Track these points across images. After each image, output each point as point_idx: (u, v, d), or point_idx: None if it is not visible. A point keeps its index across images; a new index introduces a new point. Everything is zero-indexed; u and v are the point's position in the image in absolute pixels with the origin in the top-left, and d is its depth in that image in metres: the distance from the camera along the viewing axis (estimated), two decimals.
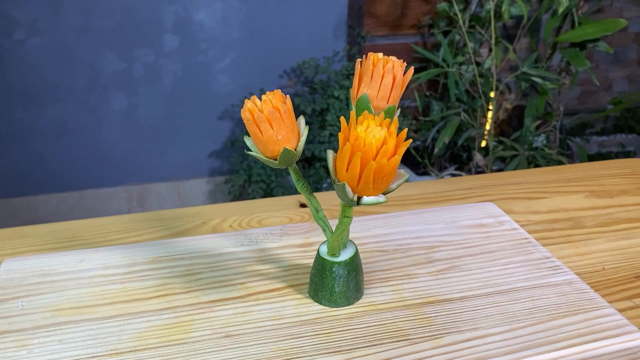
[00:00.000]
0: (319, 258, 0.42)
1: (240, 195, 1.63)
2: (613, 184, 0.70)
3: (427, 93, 1.65)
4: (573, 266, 0.54)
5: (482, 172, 1.58)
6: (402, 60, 0.37)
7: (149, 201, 1.84)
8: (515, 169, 1.48)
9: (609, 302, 0.49)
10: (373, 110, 0.37)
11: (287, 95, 0.36)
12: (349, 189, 0.33)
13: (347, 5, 1.73)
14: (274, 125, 0.35)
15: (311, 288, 0.43)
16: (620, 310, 0.48)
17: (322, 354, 0.38)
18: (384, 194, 0.34)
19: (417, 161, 1.65)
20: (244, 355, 0.38)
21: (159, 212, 0.63)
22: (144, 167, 1.81)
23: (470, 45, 1.48)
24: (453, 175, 1.59)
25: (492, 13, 1.40)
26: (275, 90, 0.36)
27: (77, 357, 0.37)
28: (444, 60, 1.50)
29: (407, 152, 1.66)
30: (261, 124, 0.35)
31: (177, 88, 1.75)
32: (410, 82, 1.50)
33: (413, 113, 1.69)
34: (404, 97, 1.73)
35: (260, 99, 0.35)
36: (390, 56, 0.37)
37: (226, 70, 1.75)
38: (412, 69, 0.38)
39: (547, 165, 1.46)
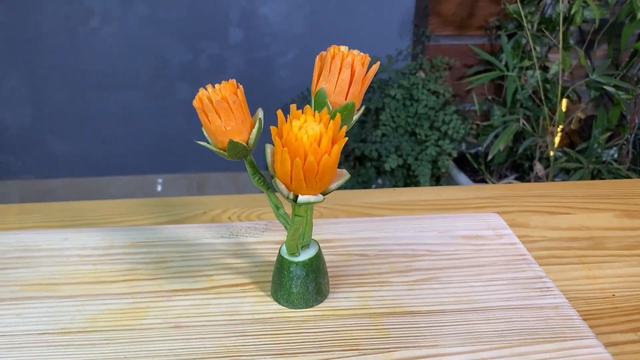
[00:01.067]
0: (279, 256, 0.40)
1: None
2: None
3: (489, 97, 1.58)
4: (580, 289, 0.49)
5: None
6: (366, 54, 0.35)
7: (208, 190, 1.89)
8: None
9: (611, 332, 0.44)
10: (330, 106, 0.35)
11: (240, 86, 0.35)
12: (282, 186, 0.32)
13: (414, 4, 1.69)
14: (222, 115, 0.34)
15: (272, 287, 0.42)
16: (621, 343, 0.43)
17: (265, 355, 0.37)
18: (324, 193, 0.32)
19: (475, 168, 1.58)
20: (186, 347, 0.37)
21: (165, 198, 0.64)
22: (205, 156, 1.86)
23: (537, 49, 1.40)
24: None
25: (561, 16, 1.31)
26: (230, 79, 0.35)
27: (29, 332, 0.38)
28: (506, 64, 1.43)
29: (464, 158, 1.60)
30: (209, 113, 0.34)
31: (240, 81, 1.77)
32: (467, 84, 1.44)
33: (474, 117, 1.63)
34: (465, 101, 1.67)
35: None
36: (354, 51, 0.35)
37: (288, 65, 1.75)
38: (377, 65, 0.36)
39: None
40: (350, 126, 0.36)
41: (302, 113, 0.31)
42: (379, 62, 0.36)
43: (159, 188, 1.86)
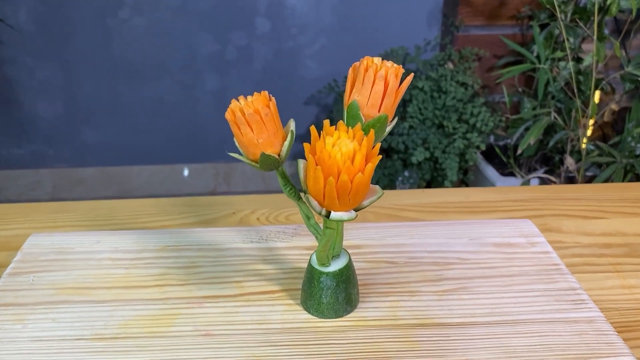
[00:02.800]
0: (309, 266, 0.40)
1: None
2: None
3: (520, 89, 1.55)
4: (614, 299, 0.48)
5: (574, 177, 1.47)
6: (399, 66, 0.35)
7: (234, 180, 1.90)
8: (609, 177, 1.36)
9: None
10: (363, 118, 0.35)
11: (272, 98, 0.35)
12: (315, 203, 0.31)
13: None
14: (254, 128, 0.34)
15: (302, 296, 0.42)
16: None
17: None
18: (356, 209, 0.32)
19: (503, 161, 1.56)
20: (217, 357, 0.37)
21: (194, 198, 0.64)
22: (232, 146, 1.86)
23: (570, 40, 1.37)
24: (540, 178, 1.49)
25: (596, 6, 1.28)
26: (262, 91, 0.35)
27: (65, 337, 0.39)
28: (537, 56, 1.39)
29: (492, 150, 1.58)
30: (241, 126, 0.34)
31: (267, 71, 1.77)
32: (496, 75, 1.41)
33: (504, 109, 1.60)
34: (494, 92, 1.64)
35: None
36: (388, 63, 0.35)
37: (315, 56, 1.75)
38: (410, 77, 0.35)
39: None
40: (382, 138, 0.36)
41: (336, 129, 0.31)
42: (412, 75, 0.35)
43: (186, 173, 1.88)
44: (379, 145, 0.31)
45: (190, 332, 0.39)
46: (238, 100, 0.35)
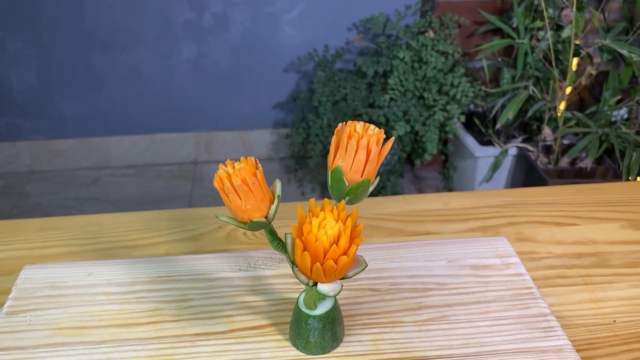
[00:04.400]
0: (296, 308, 0.43)
1: (298, 152, 1.64)
2: None
3: (499, 59, 1.56)
4: (582, 315, 0.52)
5: (550, 146, 1.50)
6: (381, 130, 0.36)
7: (215, 148, 1.90)
8: (585, 147, 1.39)
9: None
10: (347, 182, 0.36)
11: (259, 166, 0.36)
12: (302, 277, 0.33)
13: None
14: (242, 196, 0.35)
15: (290, 334, 0.44)
16: None
17: None
18: (342, 278, 0.34)
19: (482, 132, 1.58)
20: None
21: (180, 210, 0.65)
22: (211, 115, 1.86)
23: (549, 10, 1.37)
24: (518, 148, 1.52)
25: None
26: (249, 157, 0.36)
27: None
28: (517, 27, 1.39)
29: (472, 120, 1.59)
30: (229, 195, 0.35)
31: (245, 39, 1.75)
32: (477, 42, 1.41)
33: (483, 77, 1.61)
34: (474, 59, 1.64)
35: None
36: (370, 129, 0.36)
37: (294, 21, 1.72)
38: (391, 141, 0.36)
39: (620, 146, 1.36)
40: (364, 197, 0.37)
41: (321, 210, 0.32)
42: (393, 138, 0.37)
43: (166, 143, 1.87)
44: (361, 225, 0.32)
45: None
46: (225, 166, 0.36)
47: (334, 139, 0.36)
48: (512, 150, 1.52)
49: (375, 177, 0.37)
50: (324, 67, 1.58)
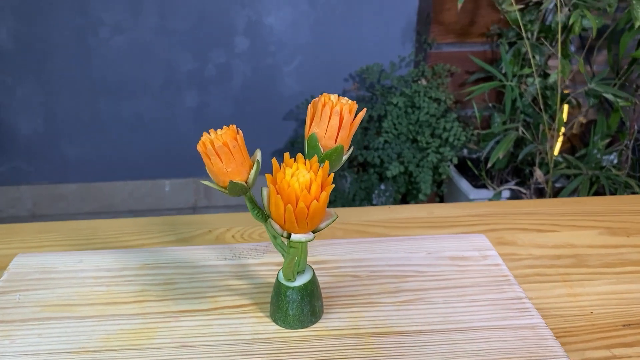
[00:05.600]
0: (276, 282, 0.44)
1: None
2: (635, 222, 0.66)
3: (490, 104, 1.61)
4: (560, 307, 0.53)
5: (543, 189, 1.52)
6: (354, 102, 0.39)
7: (215, 194, 1.93)
8: (576, 189, 1.42)
9: (586, 349, 0.48)
10: (322, 149, 0.39)
11: (240, 131, 0.39)
12: (277, 226, 0.35)
13: (416, 12, 1.72)
14: (223, 158, 0.38)
15: (271, 309, 0.45)
16: (597, 359, 0.47)
17: None
18: (314, 231, 0.36)
19: (476, 173, 1.61)
20: None
21: (172, 217, 0.67)
22: None
23: (536, 57, 1.43)
24: (512, 190, 1.54)
25: (560, 25, 1.34)
26: (231, 125, 0.39)
27: (50, 351, 0.42)
28: (505, 73, 1.45)
29: (465, 163, 1.63)
30: (211, 157, 0.38)
31: (246, 88, 1.81)
32: (468, 93, 1.47)
33: (475, 124, 1.66)
34: (467, 107, 1.69)
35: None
36: (343, 100, 0.39)
37: (293, 72, 1.79)
38: (363, 112, 0.39)
39: (611, 188, 1.38)
40: (339, 166, 0.40)
41: (295, 161, 0.35)
42: (365, 110, 0.39)
43: (167, 188, 1.91)
44: (332, 175, 0.35)
45: (168, 344, 0.43)
46: (209, 133, 0.39)
47: (309, 109, 0.39)
48: (506, 193, 1.55)
49: (349, 147, 0.40)
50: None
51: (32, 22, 1.68)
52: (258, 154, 0.40)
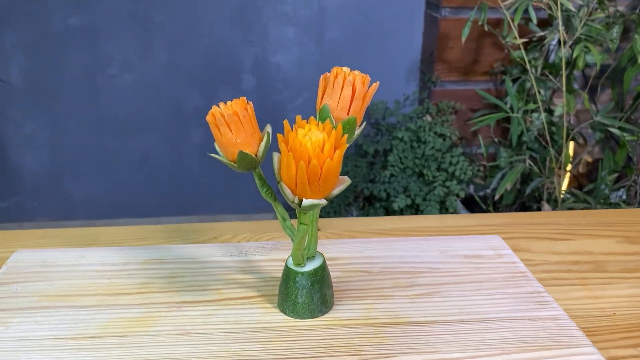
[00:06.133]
0: (285, 267, 0.42)
1: None
2: None
3: (496, 139, 1.61)
4: (581, 309, 0.50)
5: None
6: (366, 75, 0.38)
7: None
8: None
9: (611, 347, 0.45)
10: (334, 120, 0.38)
11: (250, 102, 0.38)
12: (288, 191, 0.34)
13: (420, 51, 1.74)
14: (232, 128, 0.37)
15: (279, 298, 0.43)
16: (621, 357, 0.44)
17: (270, 359, 0.38)
18: (327, 198, 0.34)
19: (483, 209, 1.60)
20: (194, 352, 0.39)
21: (178, 225, 0.66)
22: (217, 199, 1.89)
23: (541, 92, 1.44)
24: None
25: (564, 60, 1.35)
26: (241, 97, 0.38)
27: (46, 338, 0.40)
28: (511, 107, 1.46)
29: (472, 199, 1.61)
30: (220, 127, 0.37)
31: None
32: (473, 124, 1.47)
33: (481, 160, 1.65)
34: (472, 144, 1.69)
35: None
36: (355, 71, 0.38)
37: (298, 109, 1.80)
38: (376, 84, 0.38)
39: None
40: (352, 140, 0.39)
41: (307, 123, 0.34)
42: (378, 82, 0.39)
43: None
44: (346, 136, 0.33)
45: (170, 331, 0.41)
46: (219, 106, 0.38)
47: (321, 82, 0.39)
48: None
49: (362, 122, 0.39)
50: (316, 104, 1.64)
51: (43, 59, 1.71)
52: (269, 127, 0.39)
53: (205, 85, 1.77)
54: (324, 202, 0.34)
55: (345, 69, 0.38)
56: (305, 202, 0.34)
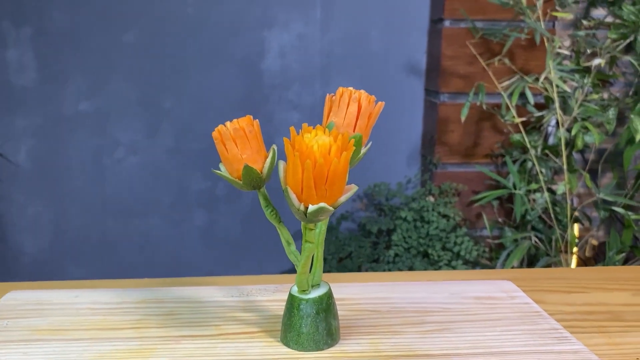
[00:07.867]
0: (289, 296, 0.40)
1: None
2: None
3: (500, 219, 1.60)
4: (602, 354, 0.47)
5: None
6: (372, 95, 0.38)
7: None
8: None
9: None
10: None
11: (256, 120, 0.38)
12: (293, 196, 0.33)
13: (420, 135, 1.78)
14: (238, 143, 0.37)
15: (282, 331, 0.41)
16: None
17: None
18: (333, 206, 0.33)
19: None
20: None
21: (179, 279, 0.64)
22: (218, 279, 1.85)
23: (543, 172, 1.45)
24: None
25: (563, 140, 1.38)
26: (247, 115, 0.38)
27: None
28: (513, 184, 1.47)
29: None
30: (226, 142, 0.37)
31: (255, 207, 1.82)
32: (477, 210, 1.47)
33: (487, 242, 1.64)
34: (476, 226, 1.68)
35: None
36: (361, 91, 0.39)
37: None
38: (382, 104, 0.39)
39: None
40: (358, 160, 0.38)
41: (314, 129, 0.33)
42: (383, 103, 0.39)
43: None
44: (353, 140, 0.33)
45: None
46: (225, 125, 0.38)
47: (327, 103, 0.39)
48: None
49: (368, 142, 0.39)
50: (330, 231, 1.62)
51: (52, 142, 1.75)
52: (274, 146, 0.39)
53: (209, 168, 1.80)
54: (330, 209, 0.33)
55: (351, 88, 0.39)
56: (312, 207, 0.33)
